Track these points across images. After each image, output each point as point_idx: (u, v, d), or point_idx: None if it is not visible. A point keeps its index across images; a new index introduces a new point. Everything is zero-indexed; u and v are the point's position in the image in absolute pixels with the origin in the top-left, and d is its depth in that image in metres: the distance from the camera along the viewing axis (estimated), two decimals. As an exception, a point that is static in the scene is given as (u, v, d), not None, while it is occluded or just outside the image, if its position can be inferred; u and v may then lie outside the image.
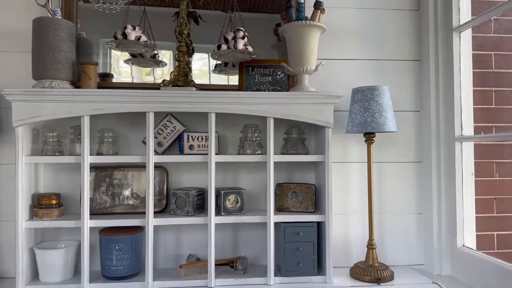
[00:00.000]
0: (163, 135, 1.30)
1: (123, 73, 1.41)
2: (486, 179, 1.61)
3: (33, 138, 1.26)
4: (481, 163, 1.58)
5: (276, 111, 1.25)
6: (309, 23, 1.26)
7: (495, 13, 1.22)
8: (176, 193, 1.29)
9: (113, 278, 1.24)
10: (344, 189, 1.48)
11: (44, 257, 1.22)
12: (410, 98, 1.51)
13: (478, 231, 1.46)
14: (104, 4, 1.35)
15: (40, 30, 1.19)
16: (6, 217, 1.33)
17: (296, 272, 1.29)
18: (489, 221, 1.62)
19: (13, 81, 1.33)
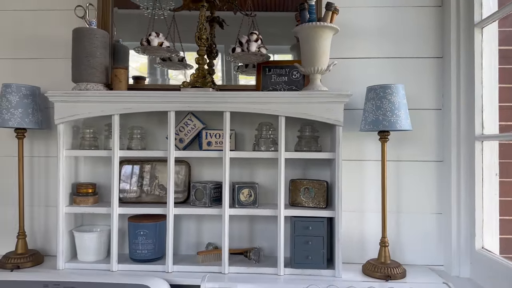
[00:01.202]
0: (184, 132, 1.42)
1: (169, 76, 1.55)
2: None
3: (73, 134, 1.45)
4: (508, 163, 1.51)
5: (287, 110, 1.31)
6: (319, 24, 1.30)
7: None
8: (195, 186, 1.40)
9: (138, 260, 1.38)
10: (360, 187, 1.50)
11: (81, 239, 1.40)
12: (432, 96, 1.48)
13: (502, 234, 1.41)
14: (153, 10, 1.49)
15: (78, 38, 1.36)
16: (52, 203, 1.53)
17: (305, 265, 1.34)
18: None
19: (56, 84, 1.52)
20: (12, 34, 1.56)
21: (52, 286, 1.23)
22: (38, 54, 1.55)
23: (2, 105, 1.37)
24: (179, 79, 1.53)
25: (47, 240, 1.54)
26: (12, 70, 1.55)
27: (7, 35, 1.56)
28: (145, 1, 1.52)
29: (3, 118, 1.36)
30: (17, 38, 1.55)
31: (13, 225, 1.55)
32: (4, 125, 1.36)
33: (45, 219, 1.54)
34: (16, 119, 1.37)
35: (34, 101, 1.42)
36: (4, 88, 1.38)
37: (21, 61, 1.55)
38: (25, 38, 1.55)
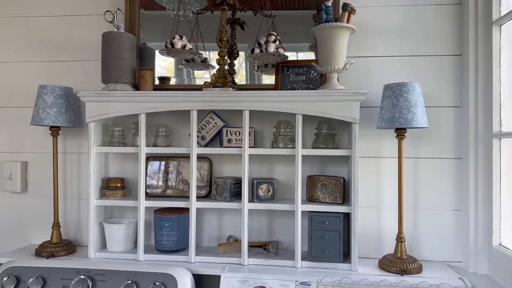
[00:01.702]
0: (206, 129, 1.49)
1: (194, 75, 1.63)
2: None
3: (103, 131, 1.54)
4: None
5: (304, 108, 1.36)
6: (336, 25, 1.33)
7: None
8: (216, 181, 1.47)
9: (163, 251, 1.46)
10: (378, 183, 1.52)
11: (110, 230, 1.49)
12: (451, 94, 1.49)
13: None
14: (178, 12, 1.57)
15: (107, 42, 1.44)
16: (84, 196, 1.64)
17: (322, 258, 1.39)
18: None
19: (86, 84, 1.62)
20: (47, 39, 1.67)
21: (84, 273, 1.32)
22: (70, 57, 1.65)
23: (38, 105, 1.48)
24: (205, 77, 1.60)
25: (78, 231, 1.65)
26: (47, 72, 1.66)
27: (42, 40, 1.67)
28: (170, 3, 1.60)
29: (40, 117, 1.46)
30: (51, 42, 1.66)
31: (48, 216, 1.66)
32: (40, 123, 1.46)
33: (77, 211, 1.65)
34: (51, 118, 1.47)
35: (67, 101, 1.52)
36: (40, 89, 1.49)
37: (55, 63, 1.66)
38: (58, 42, 1.66)
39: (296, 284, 1.26)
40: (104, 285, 1.29)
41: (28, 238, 1.69)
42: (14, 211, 1.69)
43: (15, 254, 1.51)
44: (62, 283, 1.32)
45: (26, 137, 1.68)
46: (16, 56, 1.69)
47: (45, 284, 1.32)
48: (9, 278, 1.33)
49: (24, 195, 1.69)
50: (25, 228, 1.69)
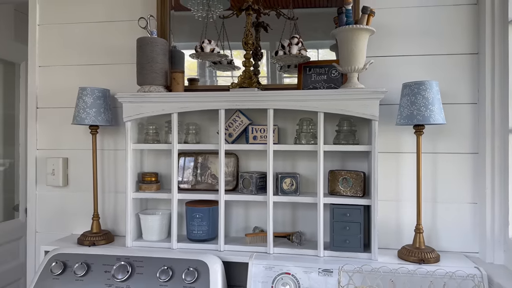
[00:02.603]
0: (232, 127, 1.59)
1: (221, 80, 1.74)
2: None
3: (138, 130, 1.66)
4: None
5: (326, 106, 1.44)
6: (356, 27, 1.41)
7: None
8: (243, 175, 1.57)
9: (194, 240, 1.58)
10: (397, 177, 1.59)
11: (145, 221, 1.61)
12: (468, 91, 1.54)
13: (539, 224, 1.45)
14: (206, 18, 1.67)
15: (141, 47, 1.56)
16: (122, 190, 1.77)
17: (344, 248, 1.47)
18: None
19: (122, 86, 1.75)
20: (86, 43, 1.80)
21: (123, 259, 1.45)
22: (107, 60, 1.78)
23: (79, 105, 1.61)
24: (225, 74, 1.70)
25: (116, 222, 1.78)
26: (87, 75, 1.80)
27: (81, 44, 1.81)
28: (195, 5, 1.70)
29: (80, 117, 1.60)
30: (89, 47, 1.80)
31: (87, 208, 1.80)
32: (81, 122, 1.60)
33: (114, 203, 1.78)
34: (90, 118, 1.60)
35: (105, 102, 1.65)
36: (80, 91, 1.62)
37: (93, 66, 1.79)
38: (95, 46, 1.79)
39: (319, 271, 1.35)
40: (142, 271, 1.41)
41: (70, 229, 1.83)
42: (57, 203, 1.84)
43: (59, 243, 1.66)
44: (104, 269, 1.45)
45: (66, 135, 1.82)
46: (57, 60, 1.83)
47: (89, 269, 1.45)
48: (56, 264, 1.47)
49: (66, 189, 1.83)
50: (67, 219, 1.83)
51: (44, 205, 1.85)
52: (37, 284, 1.45)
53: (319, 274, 1.35)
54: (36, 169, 1.86)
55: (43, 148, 1.85)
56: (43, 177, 1.84)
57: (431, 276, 1.27)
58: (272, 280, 1.36)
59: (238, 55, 1.69)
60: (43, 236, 1.85)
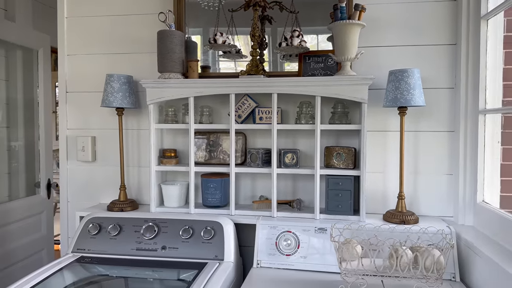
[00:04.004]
0: (241, 109, 1.83)
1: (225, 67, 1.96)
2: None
3: (159, 112, 1.91)
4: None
5: (322, 91, 1.67)
6: (349, 22, 1.62)
7: None
8: (250, 151, 1.81)
9: (209, 206, 1.83)
10: (384, 152, 1.83)
11: (167, 190, 1.87)
12: (447, 77, 1.77)
13: (504, 192, 1.70)
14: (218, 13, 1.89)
15: (161, 39, 1.78)
16: (144, 164, 2.02)
17: (337, 212, 1.72)
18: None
19: (143, 73, 1.98)
20: (109, 34, 2.03)
21: (150, 221, 1.71)
22: (130, 50, 2.01)
23: (107, 90, 1.84)
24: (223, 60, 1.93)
25: (139, 192, 2.04)
26: (111, 63, 2.03)
27: (105, 35, 2.03)
28: (206, 1, 1.92)
29: (109, 100, 1.83)
30: (114, 37, 2.02)
31: (113, 181, 2.06)
32: (109, 105, 1.83)
33: (138, 176, 2.04)
34: (117, 101, 1.84)
35: (130, 87, 1.88)
36: (108, 77, 1.85)
37: (118, 55, 2.02)
38: (119, 37, 2.02)
39: (315, 230, 1.61)
40: (167, 230, 1.67)
41: (97, 198, 2.09)
42: (86, 176, 2.10)
43: (91, 210, 1.92)
44: (134, 229, 1.71)
45: (94, 116, 2.07)
46: (85, 49, 2.06)
47: (121, 230, 1.72)
48: (93, 225, 1.74)
49: (94, 164, 2.09)
50: (95, 190, 2.09)
51: (74, 177, 2.11)
52: (77, 242, 1.72)
53: (315, 232, 1.61)
54: (67, 147, 2.11)
55: (73, 128, 2.09)
56: (74, 154, 2.09)
57: (408, 232, 1.53)
58: (276, 237, 1.62)
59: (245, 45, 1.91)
60: (73, 205, 2.11)
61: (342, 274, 1.40)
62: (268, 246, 1.62)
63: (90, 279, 1.55)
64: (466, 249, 1.51)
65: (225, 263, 1.57)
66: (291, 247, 1.60)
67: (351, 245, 1.39)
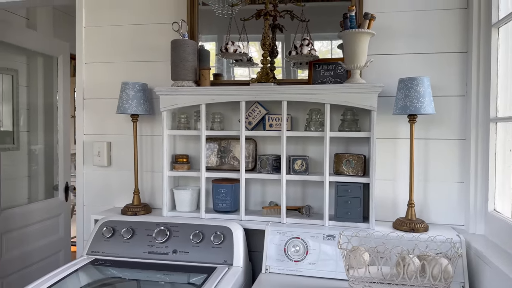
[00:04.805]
0: (252, 116, 1.86)
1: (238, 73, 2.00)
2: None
3: (172, 118, 1.95)
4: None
5: (332, 99, 1.69)
6: (358, 31, 1.64)
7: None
8: (260, 157, 1.84)
9: (219, 211, 1.87)
10: (394, 160, 1.84)
11: (178, 195, 1.91)
12: (458, 84, 1.77)
13: (516, 200, 1.68)
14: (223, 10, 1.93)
15: (175, 48, 1.83)
16: (157, 169, 2.07)
17: (346, 219, 1.73)
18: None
19: (157, 80, 2.03)
20: (125, 43, 2.09)
21: (162, 225, 1.75)
22: (144, 58, 2.06)
23: (122, 97, 1.90)
24: (242, 69, 1.97)
25: (152, 197, 2.09)
26: (127, 71, 2.09)
27: (123, 44, 2.10)
28: (215, 3, 1.96)
29: (124, 107, 1.89)
30: (130, 46, 2.09)
31: (127, 185, 2.12)
32: (125, 112, 1.89)
33: (151, 181, 2.09)
34: (132, 108, 1.89)
35: (144, 94, 1.94)
36: (123, 85, 1.91)
37: (133, 63, 2.08)
38: (136, 46, 2.08)
39: (323, 236, 1.63)
40: (178, 234, 1.71)
41: (112, 202, 2.15)
42: (101, 181, 2.16)
43: (106, 213, 1.97)
44: (146, 233, 1.76)
45: (110, 122, 2.13)
46: (102, 58, 2.12)
47: (134, 234, 1.76)
48: (107, 229, 1.79)
49: (109, 169, 2.15)
50: (109, 194, 2.15)
51: (90, 182, 2.17)
52: (91, 245, 1.77)
53: (324, 238, 1.62)
54: (83, 152, 2.18)
55: (89, 134, 2.16)
56: (90, 159, 2.16)
57: (416, 240, 1.53)
58: (284, 243, 1.64)
59: (258, 55, 1.95)
60: (89, 208, 2.17)
61: (349, 282, 1.41)
62: (277, 251, 1.64)
63: (103, 281, 1.60)
64: (476, 258, 1.50)
65: (234, 268, 1.59)
66: (299, 253, 1.62)
67: (359, 253, 1.40)
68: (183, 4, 1.99)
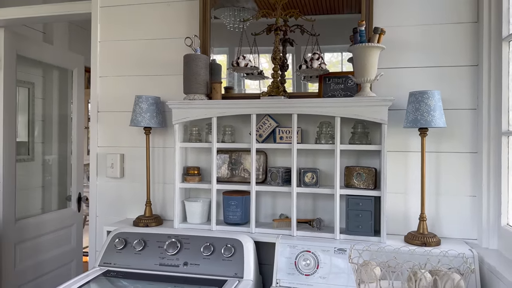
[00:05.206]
0: (262, 129, 1.87)
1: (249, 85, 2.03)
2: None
3: (184, 131, 1.98)
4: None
5: (342, 112, 1.70)
6: (368, 45, 1.66)
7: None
8: (271, 170, 1.85)
9: (230, 223, 1.88)
10: (405, 173, 1.83)
11: (190, 207, 1.93)
12: (469, 98, 1.76)
13: (530, 215, 1.66)
14: (234, 24, 1.97)
15: (187, 62, 1.87)
16: (169, 181, 2.09)
17: (357, 232, 1.73)
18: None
19: (169, 94, 2.07)
20: (139, 57, 2.14)
21: (173, 237, 1.77)
22: (157, 72, 2.11)
23: (136, 110, 1.94)
24: (253, 82, 1.99)
25: (163, 208, 2.11)
26: (140, 84, 2.13)
27: (135, 58, 2.14)
28: (227, 18, 1.99)
29: (137, 119, 1.93)
30: (143, 60, 2.13)
31: (140, 197, 2.14)
32: (138, 125, 1.93)
33: (163, 192, 2.11)
34: (145, 121, 1.93)
35: (157, 107, 1.97)
36: (137, 99, 1.95)
37: (146, 77, 2.12)
38: (148, 60, 2.12)
39: (334, 250, 1.62)
40: (189, 246, 1.72)
41: (124, 213, 2.18)
42: (114, 192, 2.19)
43: (118, 224, 2.00)
44: (158, 244, 1.77)
45: (123, 135, 2.17)
46: (116, 72, 2.17)
47: (145, 245, 1.78)
48: (119, 240, 1.81)
49: (122, 180, 2.18)
50: (122, 205, 2.18)
51: (103, 193, 2.20)
52: (104, 256, 1.79)
53: (334, 252, 1.62)
54: (97, 163, 2.21)
55: (103, 146, 2.20)
56: (103, 170, 2.20)
57: (428, 254, 1.52)
58: (295, 256, 1.64)
59: (267, 67, 1.97)
60: (102, 219, 2.20)
61: (360, 296, 1.40)
62: (287, 265, 1.64)
63: (115, 292, 1.61)
64: (489, 273, 1.48)
65: (245, 281, 1.60)
66: (310, 267, 1.62)
67: (370, 267, 1.39)
68: (195, 20, 2.03)
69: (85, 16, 2.35)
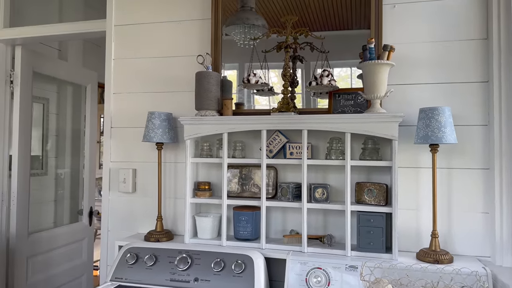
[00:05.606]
0: (273, 145, 1.89)
1: (259, 101, 2.06)
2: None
3: (195, 146, 2.00)
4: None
5: (352, 128, 1.71)
6: (378, 62, 1.67)
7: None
8: (281, 185, 1.86)
9: (240, 239, 1.88)
10: (416, 189, 1.82)
11: (200, 222, 1.94)
12: (480, 114, 1.76)
13: (544, 232, 1.63)
14: (245, 41, 2.01)
15: (199, 79, 1.90)
16: (180, 196, 2.11)
17: (368, 249, 1.72)
18: None
19: (181, 110, 2.11)
20: (152, 75, 2.18)
21: (184, 252, 1.78)
22: (170, 89, 2.15)
23: (148, 126, 1.97)
24: (264, 98, 2.02)
25: (174, 223, 2.13)
26: (153, 100, 2.17)
27: (148, 75, 2.19)
28: (237, 35, 2.03)
29: (150, 135, 1.96)
30: (155, 77, 2.18)
31: (151, 211, 2.16)
32: (150, 140, 1.96)
33: (174, 207, 2.13)
34: (158, 136, 1.96)
35: (169, 123, 2.00)
36: (149, 115, 1.98)
37: (159, 94, 2.16)
38: (160, 77, 2.17)
39: (346, 267, 1.61)
40: (199, 262, 1.73)
41: (136, 228, 2.19)
42: (126, 207, 2.21)
43: (129, 239, 2.01)
44: (168, 260, 1.78)
45: (135, 150, 2.20)
46: (129, 88, 2.22)
47: (156, 260, 1.79)
48: (130, 255, 1.82)
49: (134, 195, 2.20)
50: (134, 220, 2.20)
51: (115, 208, 2.23)
52: (115, 271, 1.81)
53: (346, 269, 1.61)
54: (110, 178, 2.24)
55: (116, 161, 2.23)
56: (115, 185, 2.22)
57: (440, 272, 1.50)
58: (306, 273, 1.63)
59: (278, 82, 2.00)
60: (113, 234, 2.22)
61: (372, 314, 1.38)
62: (298, 282, 1.63)
63: (126, 308, 1.62)
64: (504, 292, 1.46)
65: (255, 297, 1.59)
66: (321, 284, 1.61)
67: (382, 285, 1.38)
68: (207, 38, 2.07)
69: (99, 34, 2.41)
